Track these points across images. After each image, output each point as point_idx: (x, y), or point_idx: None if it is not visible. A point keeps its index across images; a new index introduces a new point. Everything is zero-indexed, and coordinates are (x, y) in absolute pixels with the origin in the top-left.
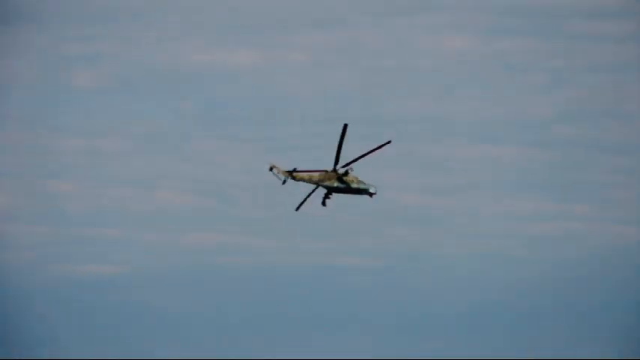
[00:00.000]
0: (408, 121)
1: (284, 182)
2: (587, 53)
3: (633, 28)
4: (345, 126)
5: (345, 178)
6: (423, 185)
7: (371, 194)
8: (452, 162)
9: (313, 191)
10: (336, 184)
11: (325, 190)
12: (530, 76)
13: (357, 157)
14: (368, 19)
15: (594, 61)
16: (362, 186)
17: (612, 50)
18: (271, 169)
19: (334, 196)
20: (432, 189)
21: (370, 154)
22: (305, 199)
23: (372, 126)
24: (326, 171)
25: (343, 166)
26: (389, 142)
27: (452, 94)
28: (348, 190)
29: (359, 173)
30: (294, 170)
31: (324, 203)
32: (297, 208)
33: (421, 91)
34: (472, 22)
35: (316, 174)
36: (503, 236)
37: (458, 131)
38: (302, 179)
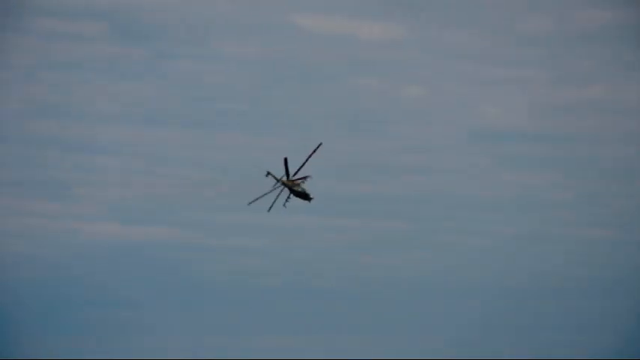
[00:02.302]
0: None
1: (275, 186)
2: None
3: None
4: (320, 144)
5: (301, 185)
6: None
7: (310, 199)
8: None
9: (280, 194)
10: (299, 189)
11: (288, 194)
12: None
13: (300, 165)
14: None
15: None
16: (308, 193)
17: None
18: (267, 174)
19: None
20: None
21: (309, 160)
22: (274, 202)
23: None
24: (291, 180)
25: (299, 178)
26: (320, 145)
27: None
28: (301, 194)
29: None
30: (268, 174)
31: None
32: (269, 209)
33: None
34: None
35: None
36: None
37: None
38: (284, 184)
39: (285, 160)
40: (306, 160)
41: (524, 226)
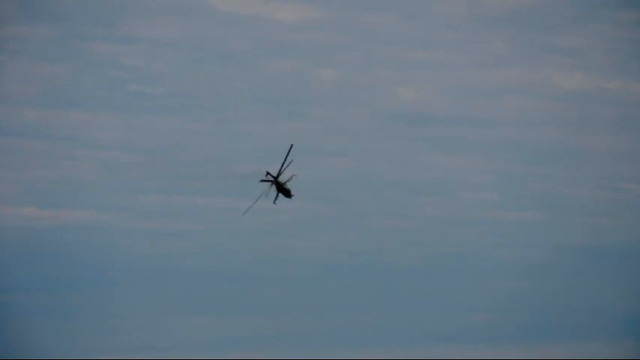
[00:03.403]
0: None
1: (271, 185)
2: None
3: None
4: (291, 146)
5: (286, 183)
6: None
7: (291, 196)
8: None
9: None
10: (287, 187)
11: (276, 193)
12: None
13: (280, 166)
14: None
15: None
16: (291, 191)
17: None
18: (266, 174)
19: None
20: None
21: (287, 160)
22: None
23: None
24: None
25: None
26: (292, 145)
27: None
28: (286, 192)
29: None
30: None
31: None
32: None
33: None
34: None
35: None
36: None
37: None
38: (277, 184)
39: (287, 153)
40: (284, 162)
41: (446, 209)
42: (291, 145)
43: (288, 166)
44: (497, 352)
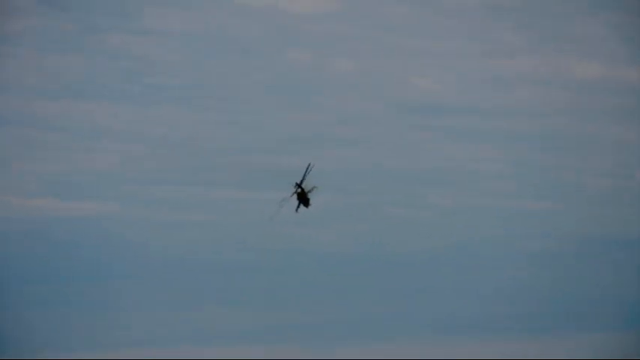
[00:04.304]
0: None
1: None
2: None
3: None
4: (309, 165)
5: (308, 193)
6: None
7: (308, 206)
8: None
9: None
10: (307, 197)
11: (298, 202)
12: None
13: (302, 177)
14: None
15: None
16: (310, 200)
17: None
18: (298, 187)
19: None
20: None
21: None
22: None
23: None
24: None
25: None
26: (310, 164)
27: None
28: (305, 201)
29: None
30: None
31: (297, 210)
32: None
33: None
34: None
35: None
36: None
37: None
38: (301, 192)
39: (308, 167)
40: (304, 178)
41: (459, 199)
42: (309, 163)
43: (308, 173)
44: (512, 342)
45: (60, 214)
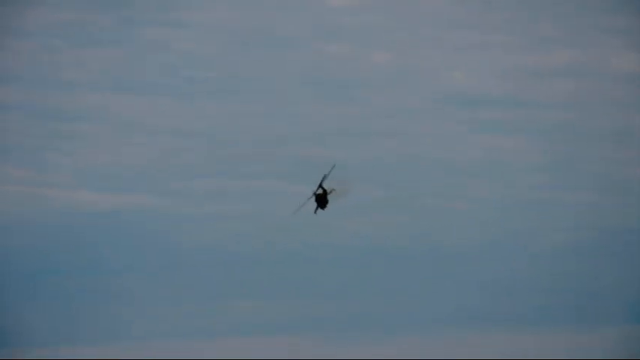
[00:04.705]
0: None
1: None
2: None
3: None
4: (334, 166)
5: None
6: None
7: (324, 208)
8: None
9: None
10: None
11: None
12: None
13: (321, 180)
14: None
15: None
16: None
17: None
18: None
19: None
20: None
21: (328, 177)
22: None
23: None
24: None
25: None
26: (334, 166)
27: None
28: (324, 203)
29: None
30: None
31: (315, 212)
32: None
33: None
34: None
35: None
36: None
37: None
38: (324, 191)
39: (332, 168)
40: (323, 179)
41: (497, 191)
42: (334, 165)
43: (330, 173)
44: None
45: (97, 208)
